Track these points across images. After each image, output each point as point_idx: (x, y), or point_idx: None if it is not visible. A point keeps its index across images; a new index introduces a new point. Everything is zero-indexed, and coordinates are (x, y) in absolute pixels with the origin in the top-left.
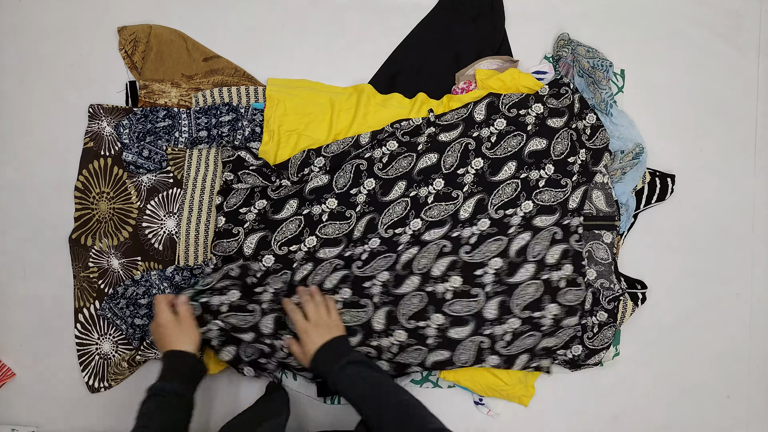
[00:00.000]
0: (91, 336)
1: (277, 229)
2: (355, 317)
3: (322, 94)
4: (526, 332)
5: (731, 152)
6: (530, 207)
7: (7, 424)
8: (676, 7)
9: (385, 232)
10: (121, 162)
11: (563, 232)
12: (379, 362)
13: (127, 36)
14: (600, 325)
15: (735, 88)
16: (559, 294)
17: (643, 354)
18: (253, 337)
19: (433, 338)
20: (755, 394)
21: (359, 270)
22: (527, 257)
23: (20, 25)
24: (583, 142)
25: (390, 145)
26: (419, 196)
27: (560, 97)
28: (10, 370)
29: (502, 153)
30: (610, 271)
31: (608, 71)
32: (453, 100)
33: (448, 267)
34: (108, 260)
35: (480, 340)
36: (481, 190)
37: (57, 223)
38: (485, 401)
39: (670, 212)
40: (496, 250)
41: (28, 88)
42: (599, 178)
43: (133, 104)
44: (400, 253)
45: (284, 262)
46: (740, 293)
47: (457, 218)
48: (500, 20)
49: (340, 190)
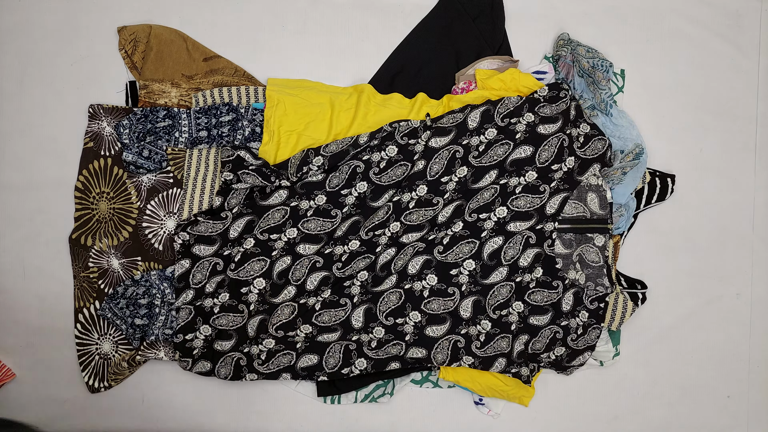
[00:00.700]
0: (91, 336)
1: (263, 216)
2: (335, 317)
3: (322, 94)
4: (498, 334)
5: (731, 152)
6: (504, 212)
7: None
8: (676, 7)
9: (365, 235)
10: (121, 162)
11: (537, 237)
12: (359, 359)
13: (127, 36)
14: (585, 326)
15: (735, 88)
16: (527, 293)
17: (643, 354)
18: (233, 344)
19: (410, 335)
20: (755, 394)
21: (339, 271)
22: (501, 260)
23: (20, 25)
24: (573, 150)
25: (389, 151)
26: (402, 201)
27: (557, 101)
28: (10, 370)
29: (487, 161)
30: (602, 275)
31: (608, 71)
32: (453, 100)
33: (423, 265)
34: (108, 260)
35: (456, 339)
36: (461, 197)
37: (57, 223)
38: (485, 401)
39: (670, 212)
40: (468, 252)
41: (28, 88)
42: (593, 180)
43: (133, 104)
44: (378, 254)
45: (263, 247)
46: (740, 293)
47: (435, 223)
48: (500, 20)
49: (332, 189)
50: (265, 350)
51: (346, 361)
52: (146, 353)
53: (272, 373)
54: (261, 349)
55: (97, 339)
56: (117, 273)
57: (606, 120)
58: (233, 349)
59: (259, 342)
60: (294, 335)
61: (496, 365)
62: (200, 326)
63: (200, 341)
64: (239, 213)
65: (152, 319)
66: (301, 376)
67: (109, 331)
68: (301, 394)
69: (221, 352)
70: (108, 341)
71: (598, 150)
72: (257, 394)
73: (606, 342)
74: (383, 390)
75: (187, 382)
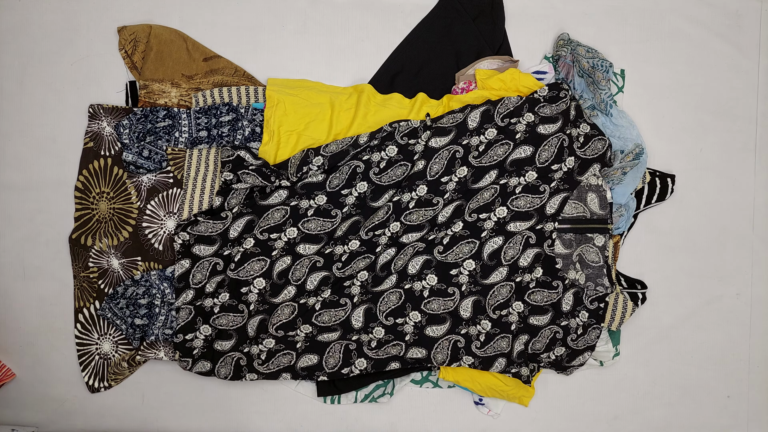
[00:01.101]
0: (91, 336)
1: (263, 215)
2: (334, 317)
3: (322, 94)
4: (498, 334)
5: (731, 152)
6: (504, 213)
7: (7, 424)
8: (676, 7)
9: (365, 235)
10: (121, 162)
11: (537, 237)
12: (359, 359)
13: (127, 36)
14: (585, 326)
15: (735, 88)
16: (527, 293)
17: (643, 354)
18: (233, 344)
19: (410, 335)
20: (755, 394)
21: (339, 271)
22: (501, 260)
23: (20, 25)
24: (573, 150)
25: (389, 151)
26: (402, 201)
27: (557, 101)
28: (10, 370)
29: (487, 162)
30: (602, 275)
31: (608, 71)
32: (453, 100)
33: (423, 265)
34: (108, 260)
35: (456, 339)
36: (461, 197)
37: (57, 223)
38: (485, 401)
39: (670, 212)
40: (468, 252)
41: (28, 87)
42: (593, 180)
43: (133, 104)
44: (378, 254)
45: (263, 247)
46: (740, 293)
47: (435, 223)
48: (500, 20)
49: (332, 189)
50: (265, 350)
51: (346, 361)
52: (146, 353)
53: (272, 373)
54: (261, 349)
55: (97, 339)
56: (117, 273)
57: (606, 120)
58: (233, 348)
59: (259, 342)
60: (294, 335)
61: (496, 365)
62: (200, 326)
63: (200, 341)
64: (239, 213)
65: (152, 319)
66: (301, 376)
67: (109, 331)
68: (301, 394)
69: (221, 352)
70: (108, 341)
71: (598, 150)
72: (257, 394)
73: (606, 342)
74: (383, 390)
75: (187, 382)
